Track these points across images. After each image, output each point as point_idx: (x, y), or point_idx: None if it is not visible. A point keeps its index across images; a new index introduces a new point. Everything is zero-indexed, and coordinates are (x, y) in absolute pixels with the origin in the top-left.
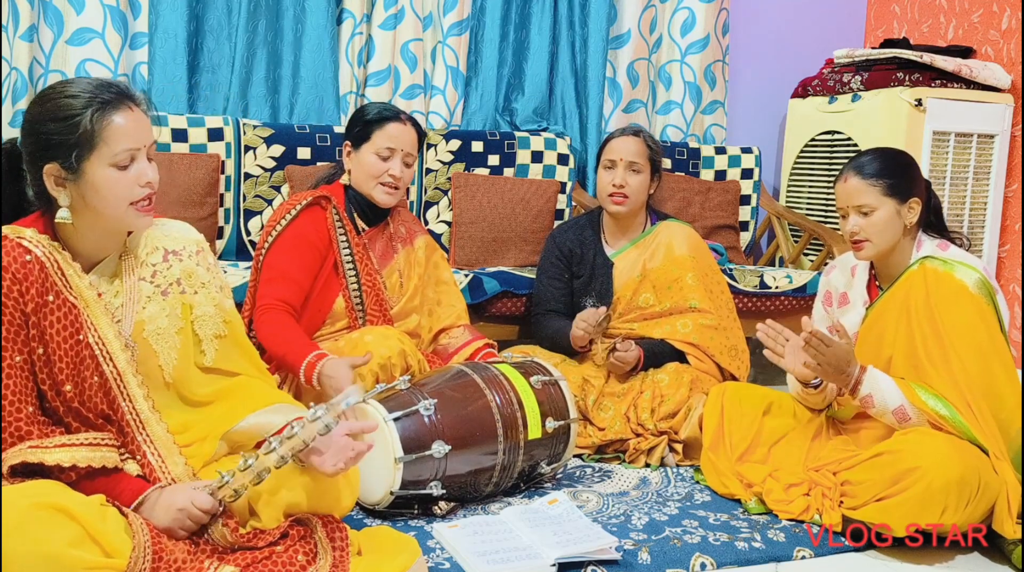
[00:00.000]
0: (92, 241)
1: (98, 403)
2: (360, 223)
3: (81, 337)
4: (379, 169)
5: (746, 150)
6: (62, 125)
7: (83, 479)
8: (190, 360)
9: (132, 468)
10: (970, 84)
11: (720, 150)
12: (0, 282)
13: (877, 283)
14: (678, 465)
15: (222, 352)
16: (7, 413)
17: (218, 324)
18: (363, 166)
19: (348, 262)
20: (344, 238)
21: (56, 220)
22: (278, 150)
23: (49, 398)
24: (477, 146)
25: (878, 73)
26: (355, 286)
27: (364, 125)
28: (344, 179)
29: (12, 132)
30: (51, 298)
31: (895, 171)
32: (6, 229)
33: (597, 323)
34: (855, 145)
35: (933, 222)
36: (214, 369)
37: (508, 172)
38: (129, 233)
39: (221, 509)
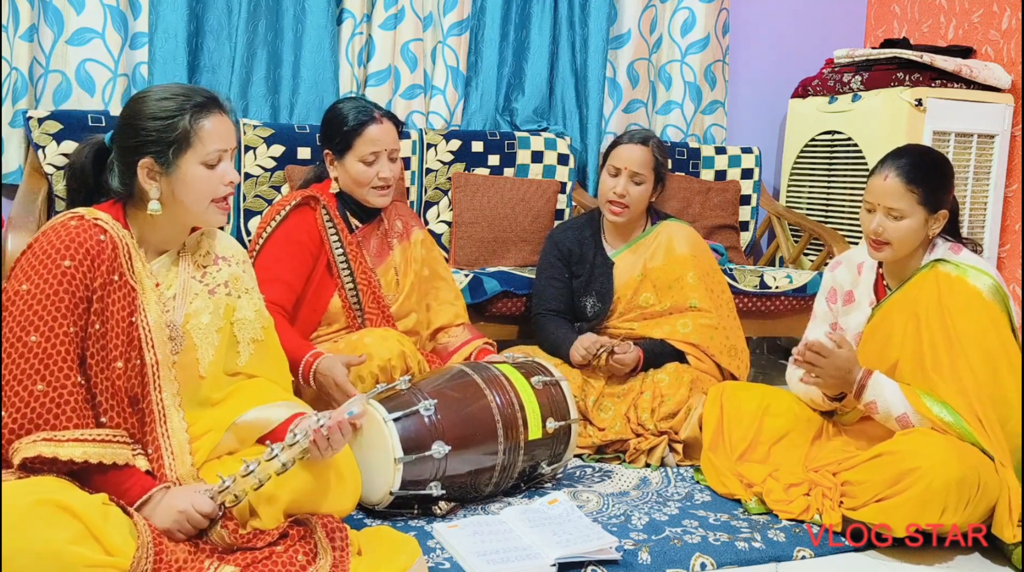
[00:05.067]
0: (163, 234)
1: (135, 385)
2: (353, 221)
3: (134, 319)
4: (368, 176)
5: (746, 150)
6: (162, 123)
7: (94, 471)
8: (222, 360)
9: (142, 464)
10: (970, 84)
11: (720, 150)
12: (73, 256)
13: (885, 283)
14: (678, 465)
15: (256, 356)
16: (55, 378)
17: (257, 329)
18: (351, 175)
19: (341, 261)
20: (336, 237)
21: (148, 211)
22: (278, 150)
23: (93, 373)
24: (477, 146)
25: (878, 73)
26: (350, 285)
27: (343, 136)
28: (333, 188)
29: (12, 132)
30: (116, 278)
31: (934, 181)
32: (83, 210)
33: (596, 354)
34: (855, 145)
35: (947, 226)
36: (241, 373)
37: (508, 172)
38: (192, 231)
39: (221, 513)
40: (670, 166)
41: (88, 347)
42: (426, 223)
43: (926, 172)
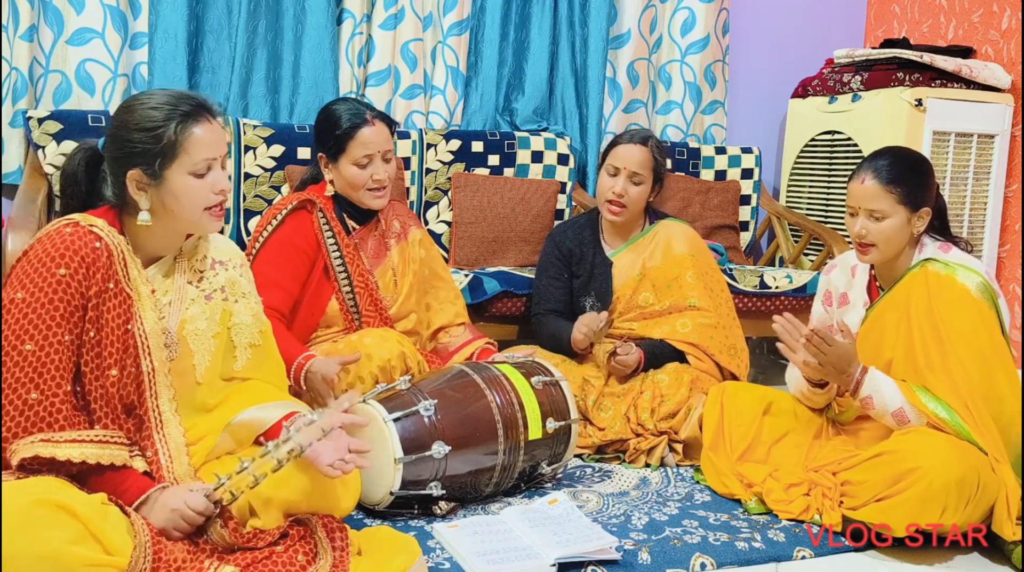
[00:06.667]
0: (158, 241)
1: (130, 392)
2: (350, 223)
3: (130, 327)
4: (362, 179)
5: (746, 150)
6: (147, 135)
7: (92, 472)
8: (219, 365)
9: (139, 465)
10: (970, 84)
11: (720, 150)
12: (69, 263)
13: (878, 284)
14: (678, 465)
15: (253, 360)
16: (48, 388)
17: (254, 333)
18: (345, 178)
19: (338, 264)
20: (332, 241)
21: (138, 222)
22: (278, 150)
23: (87, 381)
24: (477, 146)
25: (878, 73)
26: (347, 288)
27: (336, 140)
28: (328, 190)
29: (12, 132)
30: (111, 286)
31: (912, 179)
32: (78, 216)
33: (598, 328)
34: (855, 145)
35: (936, 224)
36: (237, 377)
37: (508, 172)
38: (188, 237)
39: (217, 511)
40: (669, 166)
41: (83, 354)
42: (426, 223)
43: (903, 171)
